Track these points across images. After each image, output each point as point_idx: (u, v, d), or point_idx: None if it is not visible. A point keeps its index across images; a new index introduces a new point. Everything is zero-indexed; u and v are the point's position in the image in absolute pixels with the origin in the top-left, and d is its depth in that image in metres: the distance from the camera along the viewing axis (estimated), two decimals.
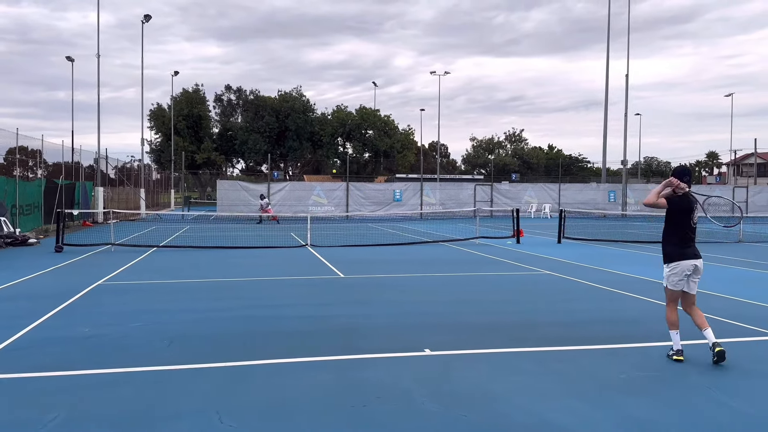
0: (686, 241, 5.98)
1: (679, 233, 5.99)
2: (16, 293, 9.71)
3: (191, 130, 66.89)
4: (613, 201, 40.09)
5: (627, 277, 11.83)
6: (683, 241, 5.97)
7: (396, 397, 4.90)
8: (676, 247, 5.99)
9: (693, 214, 5.97)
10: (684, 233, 5.98)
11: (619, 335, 7.03)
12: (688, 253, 5.96)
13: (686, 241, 5.98)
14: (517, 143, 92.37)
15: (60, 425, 4.26)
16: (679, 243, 5.98)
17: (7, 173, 23.35)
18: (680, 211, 5.96)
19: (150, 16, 41.64)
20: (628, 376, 5.50)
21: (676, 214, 5.98)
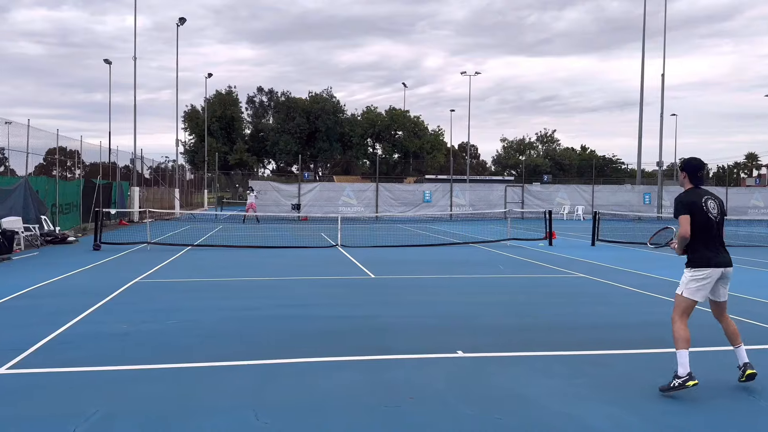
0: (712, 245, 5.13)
1: (702, 237, 5.10)
2: (57, 290, 9.98)
3: (224, 131, 67.87)
4: (648, 203, 39.31)
5: (663, 281, 11.58)
6: (707, 246, 5.11)
7: (429, 398, 4.88)
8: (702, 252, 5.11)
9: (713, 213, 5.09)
10: (707, 236, 5.10)
11: (656, 340, 6.89)
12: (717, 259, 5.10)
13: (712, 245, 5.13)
14: (549, 144, 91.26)
15: (101, 419, 4.36)
16: (704, 247, 5.11)
17: (47, 173, 24.03)
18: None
19: (185, 19, 42.37)
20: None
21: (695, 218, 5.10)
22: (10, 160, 23.48)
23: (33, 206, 18.67)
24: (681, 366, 4.92)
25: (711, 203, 5.10)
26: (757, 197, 41.35)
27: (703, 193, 5.16)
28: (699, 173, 5.21)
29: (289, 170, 72.82)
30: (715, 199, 5.16)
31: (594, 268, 13.48)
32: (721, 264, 5.09)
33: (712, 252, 5.08)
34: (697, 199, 5.10)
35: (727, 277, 5.17)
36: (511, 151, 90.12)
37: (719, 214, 5.12)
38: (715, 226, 5.09)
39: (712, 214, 5.07)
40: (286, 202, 33.97)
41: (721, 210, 5.17)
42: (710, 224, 5.05)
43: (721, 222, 5.15)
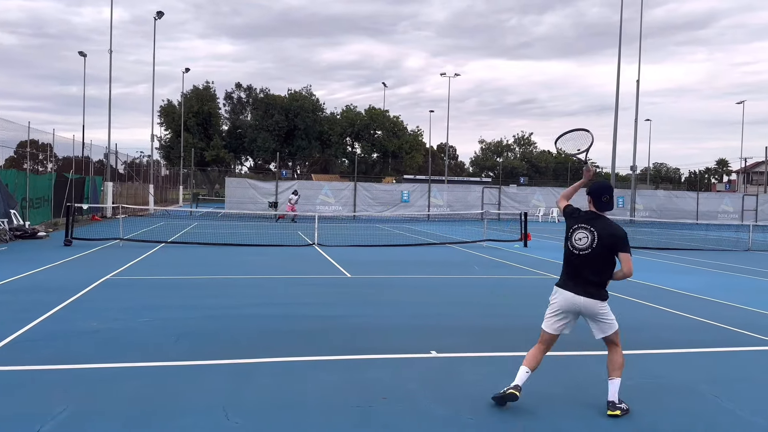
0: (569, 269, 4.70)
1: (565, 261, 4.77)
2: (25, 286, 9.78)
3: (201, 127, 67.16)
4: (622, 206, 39.90)
5: (634, 284, 11.76)
6: (566, 271, 4.74)
7: (402, 398, 4.90)
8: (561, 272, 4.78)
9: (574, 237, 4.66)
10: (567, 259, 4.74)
11: (627, 341, 6.98)
12: (569, 284, 4.67)
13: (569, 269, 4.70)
14: (526, 146, 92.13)
15: (68, 418, 4.29)
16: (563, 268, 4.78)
17: (18, 166, 23.53)
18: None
19: (162, 12, 41.81)
20: (635, 382, 5.47)
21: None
22: None
23: (2, 200, 18.25)
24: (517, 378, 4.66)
25: (580, 233, 4.64)
26: (727, 202, 42.29)
27: (586, 219, 4.68)
28: (603, 197, 4.67)
29: (266, 168, 72.34)
30: (592, 231, 4.59)
31: None
32: (573, 291, 4.63)
33: (570, 279, 4.68)
34: (574, 224, 4.72)
35: (590, 315, 4.69)
36: (489, 153, 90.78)
37: (590, 248, 4.56)
38: (579, 258, 4.61)
39: (576, 245, 4.64)
40: (263, 199, 33.74)
41: (596, 244, 4.55)
42: (572, 254, 4.66)
43: (593, 256, 4.56)
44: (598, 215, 4.67)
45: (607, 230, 4.58)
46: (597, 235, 4.57)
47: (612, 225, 4.64)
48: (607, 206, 4.66)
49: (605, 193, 4.65)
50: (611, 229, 4.60)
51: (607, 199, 4.64)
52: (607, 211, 4.70)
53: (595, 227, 4.60)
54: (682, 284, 11.75)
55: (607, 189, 4.68)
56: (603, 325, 4.73)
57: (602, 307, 4.67)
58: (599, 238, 4.56)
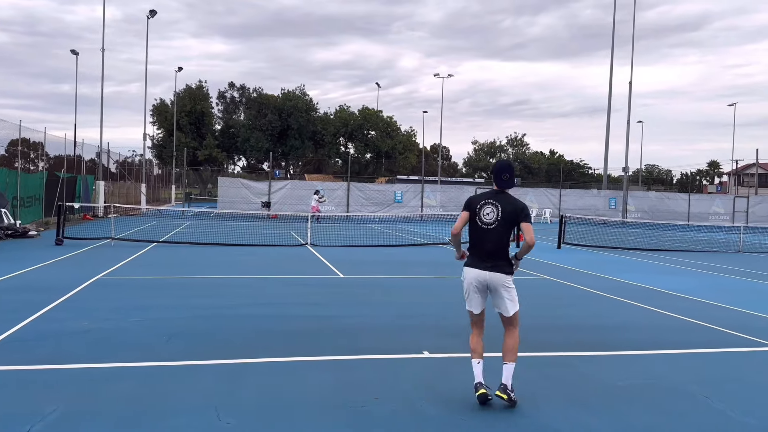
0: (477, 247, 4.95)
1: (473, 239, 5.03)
2: (16, 285, 9.71)
3: (193, 126, 66.95)
4: (614, 208, 40.09)
5: (626, 284, 11.82)
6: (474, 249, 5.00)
7: (394, 398, 4.90)
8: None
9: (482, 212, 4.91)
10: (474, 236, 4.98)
11: (618, 342, 7.03)
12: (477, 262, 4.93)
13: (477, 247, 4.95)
14: (518, 147, 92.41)
15: (58, 419, 4.26)
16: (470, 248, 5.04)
17: (9, 165, 23.35)
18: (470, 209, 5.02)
19: (155, 11, 41.63)
20: (627, 383, 5.50)
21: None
22: None
23: None
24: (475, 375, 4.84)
25: (487, 208, 4.90)
26: (718, 204, 42.55)
27: (491, 195, 4.97)
28: (503, 176, 4.97)
29: (259, 167, 72.17)
30: (497, 205, 4.88)
31: (559, 271, 13.69)
32: (480, 267, 4.88)
33: (476, 256, 4.94)
34: (478, 200, 4.98)
35: (495, 288, 4.90)
36: (482, 154, 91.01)
37: (496, 221, 4.85)
38: (487, 232, 4.88)
39: (484, 220, 4.89)
40: (255, 199, 33.65)
41: (500, 217, 4.85)
42: (480, 229, 4.91)
43: (500, 229, 4.85)
44: (501, 192, 5.00)
45: (510, 204, 4.91)
46: (501, 208, 4.88)
47: (513, 199, 4.98)
48: (507, 183, 5.01)
49: (505, 171, 5.00)
50: (513, 201, 4.95)
51: (506, 177, 4.99)
52: (508, 188, 5.03)
53: (499, 202, 4.91)
54: (673, 285, 11.82)
55: (506, 168, 5.02)
56: (506, 302, 4.95)
57: (508, 282, 4.92)
58: (503, 211, 4.88)
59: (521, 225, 4.90)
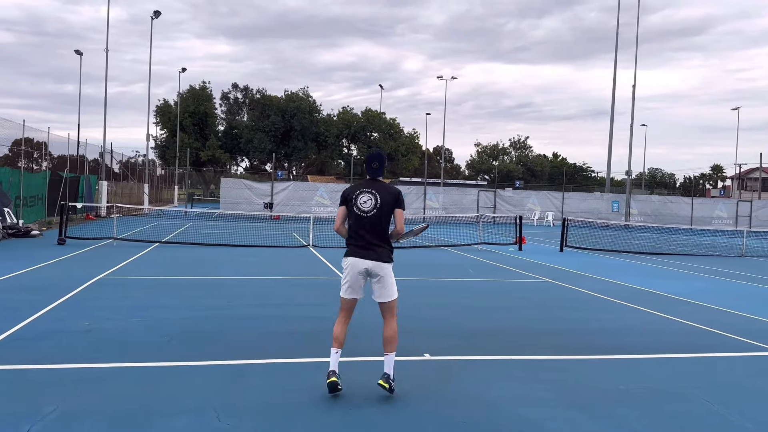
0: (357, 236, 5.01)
1: (352, 229, 5.09)
2: (18, 284, 9.73)
3: (197, 127, 67.03)
4: (617, 211, 40.04)
5: (628, 288, 11.80)
6: (354, 238, 5.06)
7: (394, 400, 4.89)
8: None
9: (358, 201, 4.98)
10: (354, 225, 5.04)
11: (619, 346, 7.02)
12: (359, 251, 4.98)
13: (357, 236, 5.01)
14: (521, 150, 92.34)
15: (58, 418, 4.26)
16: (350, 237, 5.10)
17: (12, 164, 23.42)
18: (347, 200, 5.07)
19: (159, 12, 41.70)
20: (628, 387, 5.48)
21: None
22: None
23: None
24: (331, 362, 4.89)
25: (364, 197, 4.97)
26: (721, 208, 42.46)
27: (366, 185, 5.06)
28: (374, 164, 5.10)
29: (262, 168, 72.24)
30: (374, 193, 4.97)
31: (561, 274, 13.67)
32: (361, 256, 4.95)
33: (357, 245, 5.01)
34: (353, 191, 5.06)
35: (377, 275, 4.98)
36: (485, 156, 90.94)
37: (374, 209, 4.93)
38: (366, 220, 4.95)
39: (362, 209, 4.97)
40: (258, 200, 33.69)
41: (379, 204, 4.95)
42: (359, 218, 4.98)
43: (379, 216, 4.94)
44: (375, 180, 5.11)
45: (388, 192, 5.03)
46: (379, 196, 4.98)
47: (389, 186, 5.14)
48: (378, 172, 5.12)
49: (375, 160, 5.12)
50: (389, 189, 5.08)
51: (376, 165, 5.11)
52: (380, 177, 5.15)
53: (376, 190, 5.01)
54: (675, 289, 11.79)
55: (377, 157, 5.16)
56: (385, 290, 5.04)
57: (388, 269, 5.02)
58: (381, 198, 4.98)
59: (395, 212, 5.02)
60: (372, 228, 4.97)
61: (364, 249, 4.98)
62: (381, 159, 5.14)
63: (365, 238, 4.98)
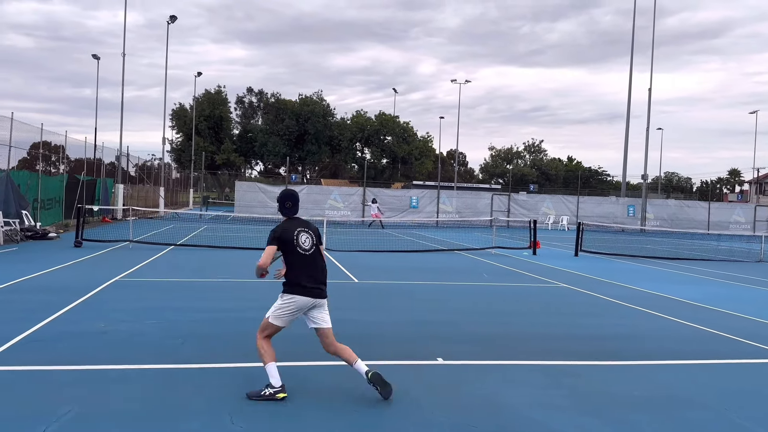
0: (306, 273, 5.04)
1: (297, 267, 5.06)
2: (36, 286, 9.86)
3: (212, 130, 67.52)
4: (632, 215, 39.68)
5: (644, 293, 11.68)
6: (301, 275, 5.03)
7: (406, 405, 4.88)
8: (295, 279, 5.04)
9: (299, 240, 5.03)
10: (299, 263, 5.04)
11: (634, 351, 6.94)
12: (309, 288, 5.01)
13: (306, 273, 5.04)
14: (536, 154, 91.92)
15: (73, 419, 4.30)
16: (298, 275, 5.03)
17: (30, 167, 23.74)
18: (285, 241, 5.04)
19: (176, 17, 42.13)
20: (642, 393, 5.42)
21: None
22: None
23: (14, 201, 18.41)
24: (272, 378, 4.92)
25: (303, 236, 5.05)
26: (739, 213, 41.93)
27: (300, 224, 5.12)
28: (286, 203, 5.17)
29: (276, 172, 72.60)
30: (309, 232, 5.10)
31: (576, 279, 13.57)
32: (309, 294, 4.99)
33: (304, 283, 4.99)
34: (291, 231, 5.03)
35: (320, 307, 5.07)
36: (499, 160, 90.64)
37: (313, 247, 5.07)
38: (308, 258, 5.02)
39: (304, 248, 5.02)
40: (272, 203, 33.83)
41: (315, 242, 5.11)
42: (302, 257, 5.01)
43: (316, 253, 5.08)
44: (299, 219, 5.19)
45: (313, 228, 5.19)
46: (312, 234, 5.13)
47: (308, 222, 5.25)
48: (290, 211, 5.18)
49: (288, 200, 5.19)
50: (311, 225, 5.22)
51: (289, 204, 5.18)
52: (294, 215, 5.20)
53: (309, 228, 5.14)
54: (692, 294, 11.65)
55: (290, 196, 5.22)
56: (326, 315, 5.13)
57: (326, 302, 5.17)
58: (315, 236, 5.15)
59: (320, 248, 5.19)
60: (314, 265, 5.07)
61: (314, 286, 5.03)
62: (293, 199, 5.21)
63: (312, 274, 5.04)
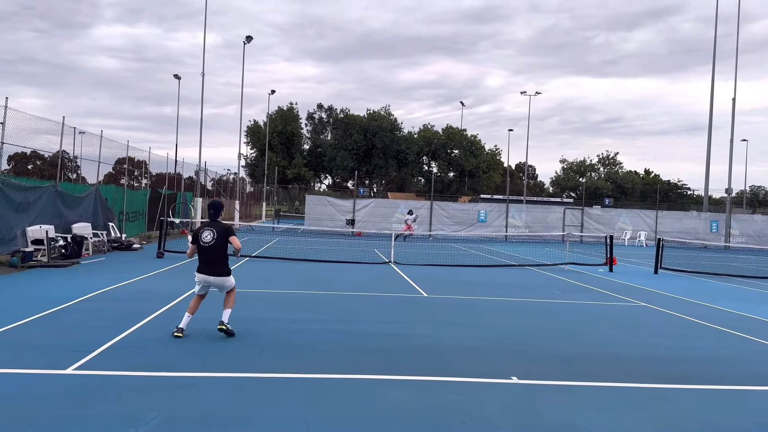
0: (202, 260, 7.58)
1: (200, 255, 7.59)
2: (123, 295, 10.41)
3: (284, 146, 69.49)
4: (716, 231, 37.65)
5: (730, 314, 11.04)
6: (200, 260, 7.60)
7: (481, 424, 4.81)
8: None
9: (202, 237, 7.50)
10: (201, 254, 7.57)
11: (720, 376, 6.57)
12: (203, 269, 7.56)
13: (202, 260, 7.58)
14: (610, 166, 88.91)
15: (161, 424, 4.50)
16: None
17: (116, 182, 25.20)
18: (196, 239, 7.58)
19: (251, 37, 43.79)
20: (733, 420, 5.12)
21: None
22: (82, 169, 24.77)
23: (102, 213, 19.59)
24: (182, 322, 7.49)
25: (206, 232, 7.50)
26: None
27: (210, 223, 7.62)
28: (210, 211, 7.72)
29: (344, 185, 73.70)
30: (212, 230, 7.50)
31: (656, 297, 12.99)
32: (205, 273, 7.56)
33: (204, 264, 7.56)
34: (201, 228, 7.61)
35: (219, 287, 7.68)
36: (571, 173, 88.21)
37: (213, 240, 7.44)
38: (208, 249, 7.48)
39: (204, 240, 7.48)
40: (341, 217, 34.36)
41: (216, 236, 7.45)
42: (203, 248, 7.51)
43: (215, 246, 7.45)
44: (214, 221, 7.68)
45: (221, 227, 7.58)
46: (216, 231, 7.53)
47: (222, 223, 7.66)
48: (214, 216, 7.73)
49: (211, 208, 7.76)
50: (222, 226, 7.62)
51: (212, 212, 7.73)
52: (218, 218, 7.74)
53: (214, 227, 7.58)
54: None
55: (213, 205, 7.79)
56: (227, 288, 7.73)
57: (227, 280, 7.66)
58: (217, 233, 7.51)
59: (230, 239, 7.48)
60: (211, 254, 7.50)
61: (209, 268, 7.54)
62: (217, 207, 7.75)
63: (208, 260, 7.54)
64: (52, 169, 20.15)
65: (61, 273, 13.02)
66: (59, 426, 4.41)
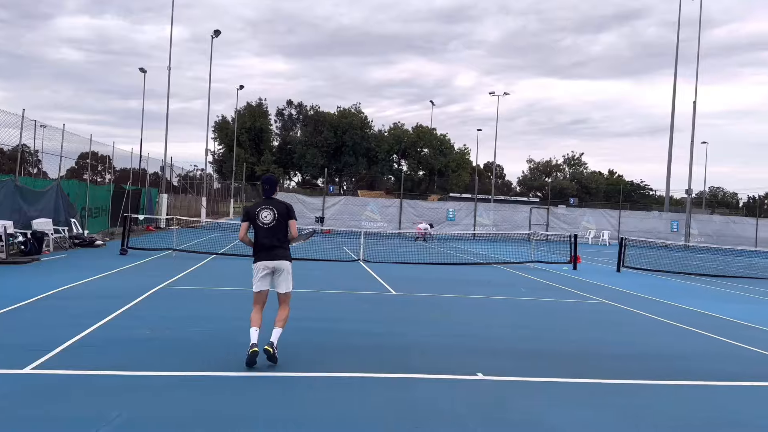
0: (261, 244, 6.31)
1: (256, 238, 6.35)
2: (83, 292, 10.16)
3: (252, 142, 68.88)
4: (676, 231, 38.65)
5: (689, 311, 11.34)
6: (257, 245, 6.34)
7: (449, 421, 4.83)
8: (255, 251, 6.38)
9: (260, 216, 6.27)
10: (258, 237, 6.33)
11: (680, 371, 6.74)
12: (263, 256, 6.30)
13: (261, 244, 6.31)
14: (576, 167, 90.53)
15: (122, 424, 4.40)
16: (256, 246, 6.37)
17: (79, 177, 24.58)
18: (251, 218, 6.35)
19: (219, 31, 43.17)
20: (691, 415, 5.25)
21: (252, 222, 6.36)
22: (44, 163, 24.07)
23: (63, 209, 19.07)
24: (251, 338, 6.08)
25: (264, 212, 6.26)
26: None
27: (264, 202, 6.34)
28: (265, 186, 6.40)
29: (314, 183, 73.40)
30: (272, 209, 6.26)
31: (619, 295, 13.26)
32: (266, 258, 6.24)
33: (262, 250, 6.26)
34: (255, 208, 6.33)
35: (280, 273, 6.28)
36: (538, 173, 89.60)
37: (273, 221, 6.22)
38: (267, 230, 6.23)
39: (263, 221, 6.24)
40: (310, 214, 34.17)
41: (276, 216, 6.23)
42: (261, 229, 6.25)
43: (276, 226, 6.23)
44: (271, 198, 6.36)
45: (282, 206, 6.31)
46: (276, 210, 6.26)
47: (282, 202, 6.37)
48: (270, 192, 6.38)
49: (266, 183, 6.42)
50: (284, 204, 6.34)
51: (267, 187, 6.39)
52: (273, 195, 6.39)
53: (273, 205, 6.30)
54: (738, 313, 11.26)
55: (267, 180, 6.43)
56: (286, 282, 6.36)
57: (289, 267, 6.36)
58: (278, 212, 6.25)
59: (289, 222, 6.30)
60: (272, 236, 6.25)
61: (269, 252, 6.25)
62: (272, 182, 6.42)
63: (268, 243, 6.25)
64: (12, 163, 19.50)
65: (20, 270, 12.64)
66: (18, 427, 4.27)
